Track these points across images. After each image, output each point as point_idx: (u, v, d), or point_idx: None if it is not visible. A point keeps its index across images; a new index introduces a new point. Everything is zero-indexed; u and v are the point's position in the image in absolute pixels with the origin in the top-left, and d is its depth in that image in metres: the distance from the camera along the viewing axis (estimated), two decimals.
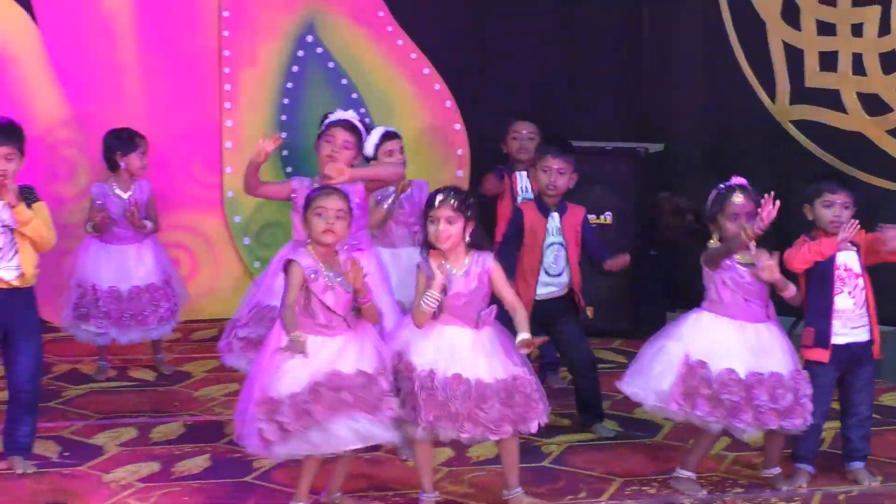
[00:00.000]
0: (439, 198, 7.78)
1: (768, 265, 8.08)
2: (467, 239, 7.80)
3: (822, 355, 8.34)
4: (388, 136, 9.86)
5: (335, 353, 7.68)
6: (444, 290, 7.70)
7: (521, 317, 7.90)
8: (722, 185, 8.34)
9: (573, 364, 9.67)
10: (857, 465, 8.55)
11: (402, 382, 7.71)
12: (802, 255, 8.23)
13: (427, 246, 7.88)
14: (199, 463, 8.84)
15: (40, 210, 8.47)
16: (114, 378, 10.72)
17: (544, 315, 9.35)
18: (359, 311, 7.71)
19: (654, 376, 8.30)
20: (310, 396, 7.50)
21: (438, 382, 7.63)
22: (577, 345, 9.57)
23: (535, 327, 9.30)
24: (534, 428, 7.88)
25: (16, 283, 8.41)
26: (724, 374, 8.14)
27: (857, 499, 8.30)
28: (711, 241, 8.31)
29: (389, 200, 9.81)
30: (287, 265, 7.74)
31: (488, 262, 7.86)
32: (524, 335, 7.78)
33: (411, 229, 9.96)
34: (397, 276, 9.56)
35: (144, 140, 10.43)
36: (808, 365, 8.40)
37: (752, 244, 8.07)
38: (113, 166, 10.35)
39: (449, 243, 7.73)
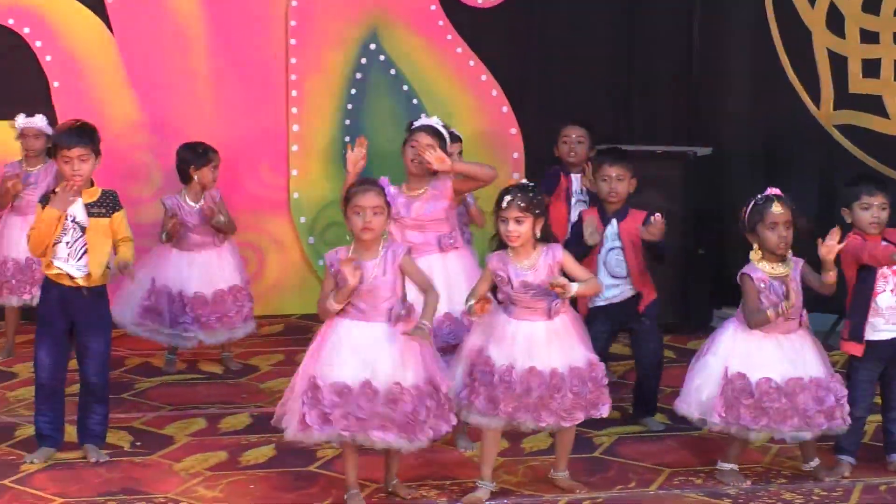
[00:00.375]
0: (507, 198, 7.79)
1: (830, 245, 8.07)
2: (537, 234, 7.84)
3: (856, 349, 8.32)
4: (453, 137, 9.84)
5: (382, 352, 7.74)
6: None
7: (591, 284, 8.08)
8: (760, 196, 8.30)
9: (640, 361, 9.67)
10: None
11: (481, 376, 7.78)
12: (863, 256, 8.23)
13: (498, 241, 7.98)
14: (265, 452, 8.88)
15: (120, 219, 8.55)
16: (184, 371, 10.76)
17: (619, 315, 9.45)
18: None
19: (695, 389, 8.34)
20: (351, 402, 7.60)
21: (516, 376, 7.69)
22: (646, 344, 9.56)
23: (612, 327, 9.40)
24: (605, 412, 7.99)
25: (82, 283, 8.46)
26: (763, 383, 8.14)
27: None
28: (752, 252, 8.29)
29: None
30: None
31: (558, 253, 7.89)
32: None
33: None
34: None
35: (217, 154, 10.45)
36: (850, 359, 8.40)
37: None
38: (185, 178, 10.37)
39: (519, 242, 7.78)
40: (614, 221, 9.40)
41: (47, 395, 8.68)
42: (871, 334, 8.29)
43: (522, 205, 7.72)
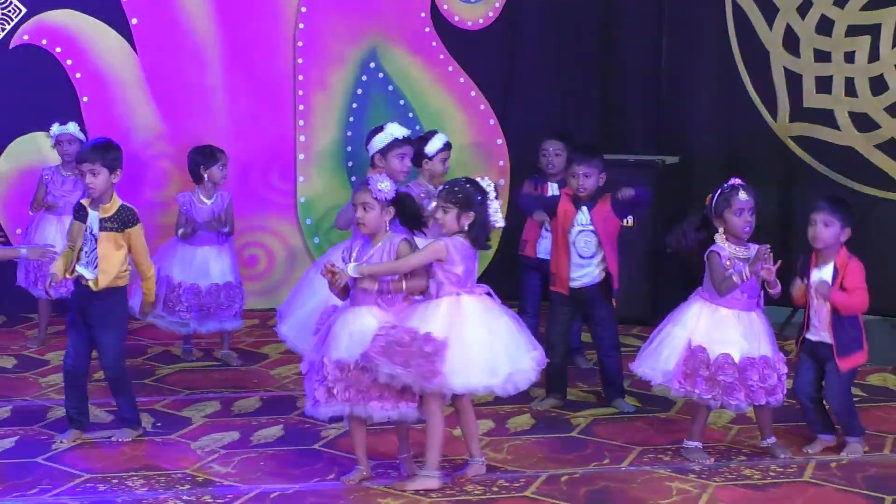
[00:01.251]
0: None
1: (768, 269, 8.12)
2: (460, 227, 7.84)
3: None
4: (447, 145, 9.83)
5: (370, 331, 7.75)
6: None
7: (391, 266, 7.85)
8: (726, 185, 8.31)
9: (600, 344, 9.64)
10: (828, 437, 8.59)
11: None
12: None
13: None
14: (274, 433, 8.88)
15: (135, 236, 8.56)
16: (200, 358, 10.75)
17: (581, 300, 9.44)
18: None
19: (662, 358, 8.37)
20: (350, 377, 7.63)
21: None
22: (606, 327, 9.58)
23: (573, 311, 9.36)
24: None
25: (91, 286, 8.47)
26: (721, 358, 8.20)
27: (847, 466, 8.27)
28: (718, 235, 8.30)
29: None
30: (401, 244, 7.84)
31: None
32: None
33: None
34: None
35: (224, 154, 10.42)
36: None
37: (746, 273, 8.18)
38: (197, 178, 10.35)
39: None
40: (585, 208, 9.36)
41: (71, 381, 8.69)
42: None
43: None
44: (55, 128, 10.90)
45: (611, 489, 7.89)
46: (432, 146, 9.64)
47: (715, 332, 8.29)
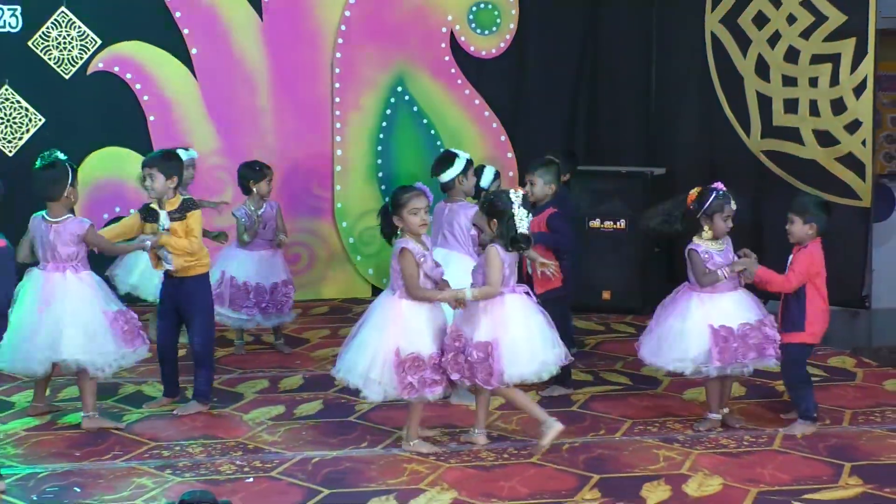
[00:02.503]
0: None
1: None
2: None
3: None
4: (497, 174, 9.82)
5: (429, 327, 7.82)
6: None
7: None
8: (720, 191, 8.26)
9: None
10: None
11: None
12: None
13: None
14: (314, 406, 8.89)
15: (194, 217, 8.60)
16: (251, 342, 10.75)
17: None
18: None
19: (684, 349, 8.22)
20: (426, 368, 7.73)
21: None
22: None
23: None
24: None
25: (173, 274, 8.54)
26: (741, 327, 8.21)
27: (811, 437, 8.26)
28: (704, 233, 8.26)
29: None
30: (402, 253, 7.76)
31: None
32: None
33: None
34: None
35: (270, 170, 10.36)
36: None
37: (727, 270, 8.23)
38: (247, 191, 10.33)
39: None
40: (530, 215, 9.08)
41: (161, 358, 8.79)
42: None
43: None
44: (184, 153, 10.40)
45: (606, 456, 7.87)
46: (485, 179, 9.59)
47: (725, 310, 8.26)
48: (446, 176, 9.24)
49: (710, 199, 8.24)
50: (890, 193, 12.42)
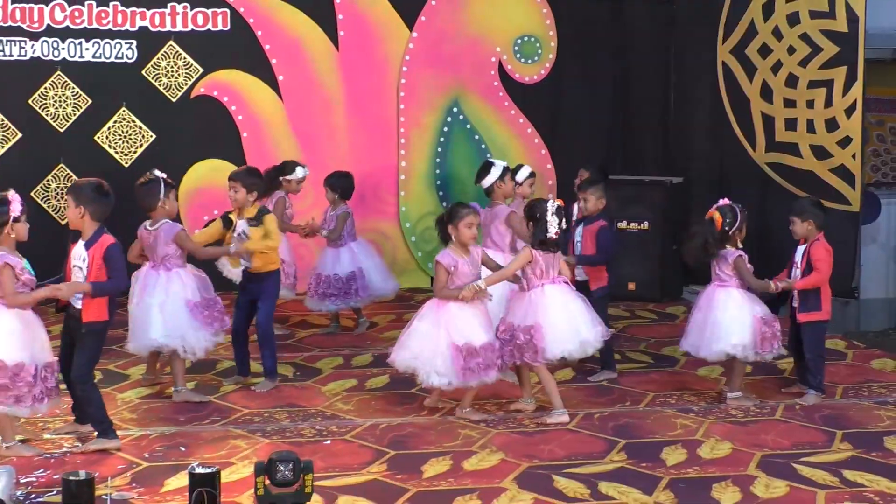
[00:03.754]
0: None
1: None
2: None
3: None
4: (532, 174, 9.80)
5: (477, 321, 7.84)
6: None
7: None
8: (744, 212, 8.29)
9: None
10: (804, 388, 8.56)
11: None
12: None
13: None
14: (382, 380, 8.92)
15: (269, 220, 8.67)
16: (327, 325, 10.76)
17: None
18: None
19: (728, 336, 8.19)
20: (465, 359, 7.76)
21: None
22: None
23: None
24: None
25: (251, 270, 8.63)
26: (771, 318, 8.28)
27: (808, 409, 8.23)
28: (731, 248, 8.25)
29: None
30: (436, 265, 7.87)
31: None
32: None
33: None
34: None
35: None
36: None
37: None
38: (346, 196, 10.36)
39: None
40: (581, 225, 9.00)
41: (235, 339, 8.80)
42: None
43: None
44: (300, 170, 10.41)
45: (631, 424, 7.87)
46: (520, 176, 9.58)
47: (753, 305, 8.27)
48: (486, 182, 9.38)
49: (740, 217, 8.25)
50: (876, 200, 12.39)
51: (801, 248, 8.40)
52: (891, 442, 7.53)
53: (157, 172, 8.25)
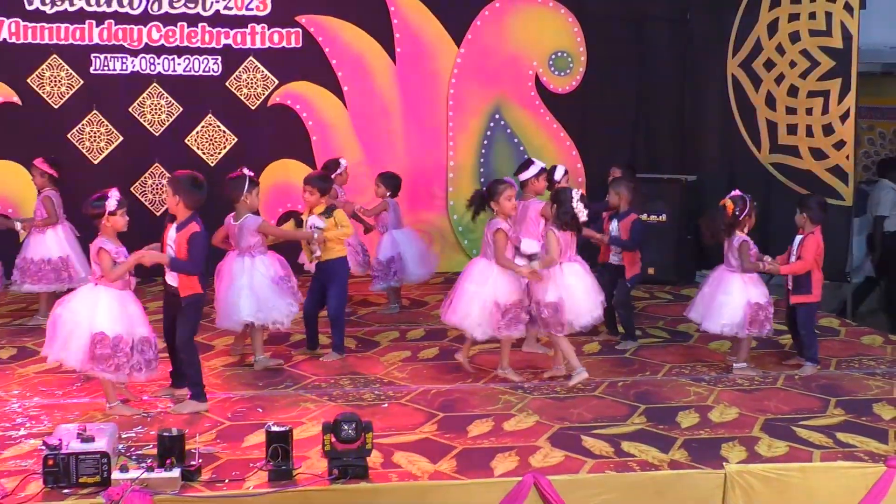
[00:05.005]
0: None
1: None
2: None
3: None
4: (566, 172, 9.79)
5: (516, 283, 7.94)
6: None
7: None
8: (752, 202, 8.26)
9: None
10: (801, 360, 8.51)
11: None
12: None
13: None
14: (433, 352, 8.93)
15: (339, 213, 8.71)
16: (383, 305, 10.73)
17: (614, 272, 9.11)
18: None
19: (728, 315, 8.20)
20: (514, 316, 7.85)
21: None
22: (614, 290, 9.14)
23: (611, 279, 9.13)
24: None
25: (321, 259, 8.64)
26: (767, 303, 8.27)
27: (805, 378, 8.18)
28: (739, 233, 8.21)
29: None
30: (498, 231, 7.86)
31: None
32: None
33: None
34: None
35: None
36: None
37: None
38: (396, 193, 10.32)
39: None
40: (615, 221, 9.16)
41: (305, 320, 8.82)
42: None
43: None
44: (342, 162, 10.45)
45: (650, 391, 7.85)
46: (558, 174, 9.55)
47: (751, 289, 8.22)
48: (524, 176, 9.29)
49: (748, 206, 8.21)
50: (866, 195, 12.29)
51: (798, 238, 8.36)
52: (878, 408, 7.49)
53: (246, 171, 8.28)
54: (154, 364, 7.21)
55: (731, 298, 8.20)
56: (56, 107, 11.65)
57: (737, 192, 8.31)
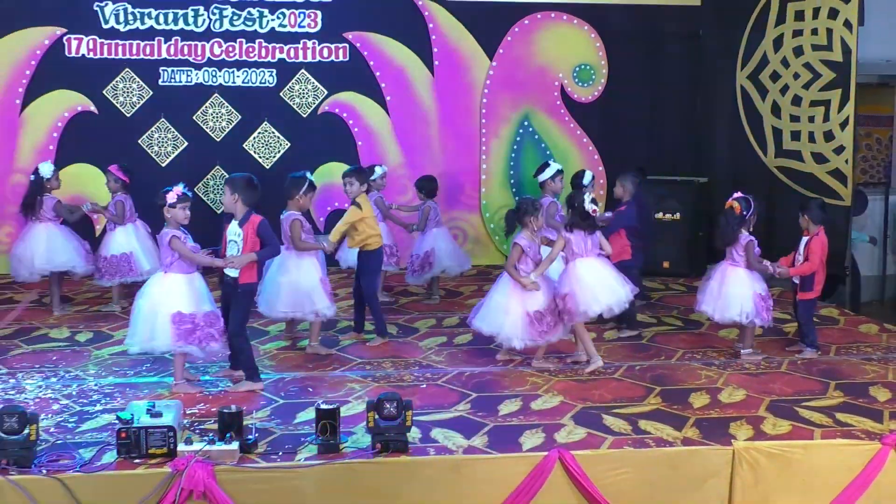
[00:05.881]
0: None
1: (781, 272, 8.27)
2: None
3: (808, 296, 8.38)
4: (593, 176, 9.73)
5: (542, 289, 7.82)
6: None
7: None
8: (756, 205, 8.19)
9: None
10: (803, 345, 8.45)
11: None
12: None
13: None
14: (467, 337, 8.90)
15: (364, 203, 8.64)
16: (421, 295, 10.71)
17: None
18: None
19: (734, 305, 8.12)
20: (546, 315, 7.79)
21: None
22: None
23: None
24: None
25: (359, 249, 8.67)
26: (766, 293, 8.24)
27: (807, 363, 8.13)
28: (745, 233, 8.16)
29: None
30: (514, 246, 7.82)
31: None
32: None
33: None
34: None
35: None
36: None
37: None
38: (432, 194, 10.25)
39: None
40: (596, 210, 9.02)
41: (355, 300, 8.89)
42: None
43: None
44: (378, 170, 10.23)
45: (665, 374, 7.83)
46: (586, 179, 9.51)
47: (755, 283, 8.17)
48: (542, 177, 9.48)
49: (753, 207, 8.16)
50: (864, 196, 12.22)
51: (804, 240, 8.30)
52: (874, 391, 7.44)
53: (308, 174, 8.29)
54: (220, 337, 7.27)
55: (741, 290, 8.14)
56: (128, 115, 11.75)
57: (739, 194, 8.26)
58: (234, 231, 7.33)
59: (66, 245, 9.68)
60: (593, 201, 7.89)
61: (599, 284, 7.86)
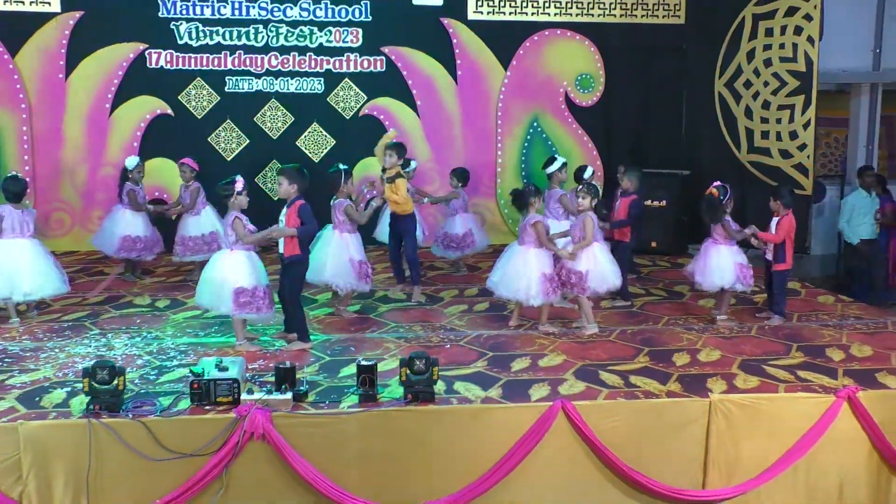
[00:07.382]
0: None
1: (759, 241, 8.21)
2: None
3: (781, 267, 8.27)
4: (594, 172, 9.66)
5: (549, 258, 7.82)
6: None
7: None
8: (731, 188, 8.14)
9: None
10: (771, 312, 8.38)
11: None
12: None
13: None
14: (484, 305, 8.90)
15: (400, 181, 8.74)
16: (446, 268, 10.69)
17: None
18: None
19: (718, 274, 8.10)
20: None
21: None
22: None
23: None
24: None
25: (399, 213, 8.68)
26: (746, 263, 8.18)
27: (774, 328, 8.09)
28: (728, 216, 8.12)
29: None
30: (537, 224, 7.77)
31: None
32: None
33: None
34: None
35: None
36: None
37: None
38: (466, 183, 10.24)
39: None
40: (621, 198, 9.10)
41: (392, 260, 9.10)
42: None
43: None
44: (413, 163, 10.29)
45: (652, 337, 7.80)
46: (587, 173, 9.46)
47: (736, 254, 8.13)
48: (550, 169, 9.50)
49: (729, 193, 8.12)
50: (822, 187, 12.19)
51: (775, 220, 8.25)
52: (830, 352, 7.40)
53: (341, 165, 8.29)
54: (272, 306, 7.27)
55: (723, 262, 8.11)
56: (199, 117, 11.78)
57: (718, 183, 8.22)
58: (283, 213, 7.39)
59: (145, 227, 9.63)
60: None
61: (609, 269, 7.86)
